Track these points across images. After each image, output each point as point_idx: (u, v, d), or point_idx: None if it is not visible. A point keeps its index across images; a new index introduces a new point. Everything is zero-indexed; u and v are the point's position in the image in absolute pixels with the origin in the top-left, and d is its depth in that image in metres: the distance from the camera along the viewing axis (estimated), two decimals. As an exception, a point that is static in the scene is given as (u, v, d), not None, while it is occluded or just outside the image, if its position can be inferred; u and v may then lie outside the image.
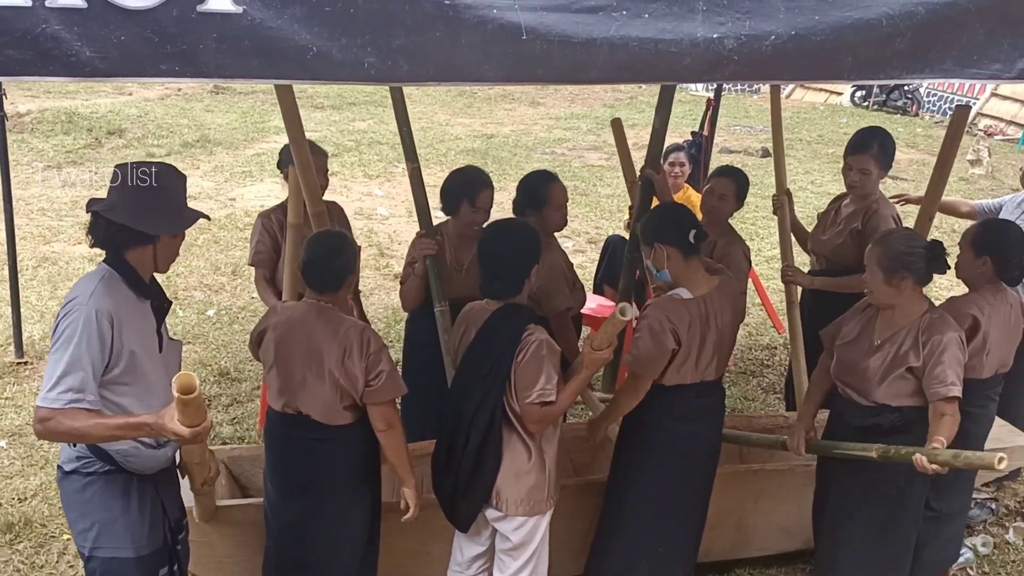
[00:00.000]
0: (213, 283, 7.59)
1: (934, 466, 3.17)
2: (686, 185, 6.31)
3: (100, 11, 2.04)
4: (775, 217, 5.08)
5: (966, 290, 4.00)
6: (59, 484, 2.93)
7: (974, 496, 4.56)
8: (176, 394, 2.40)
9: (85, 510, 2.86)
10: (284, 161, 4.42)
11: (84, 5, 2.03)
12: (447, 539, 3.61)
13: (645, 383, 3.52)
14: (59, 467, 2.91)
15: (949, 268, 3.54)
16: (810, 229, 5.11)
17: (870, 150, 4.55)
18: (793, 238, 5.05)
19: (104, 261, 2.85)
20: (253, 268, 4.59)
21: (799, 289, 4.90)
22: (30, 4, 2.01)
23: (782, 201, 4.97)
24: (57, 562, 4.18)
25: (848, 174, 4.64)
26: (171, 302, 3.09)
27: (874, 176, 4.59)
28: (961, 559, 4.43)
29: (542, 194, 4.22)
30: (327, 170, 4.52)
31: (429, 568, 3.75)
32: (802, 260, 5.11)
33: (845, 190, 4.81)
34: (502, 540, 3.43)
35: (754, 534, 4.29)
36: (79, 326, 2.64)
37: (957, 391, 3.36)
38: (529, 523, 3.38)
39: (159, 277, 3.04)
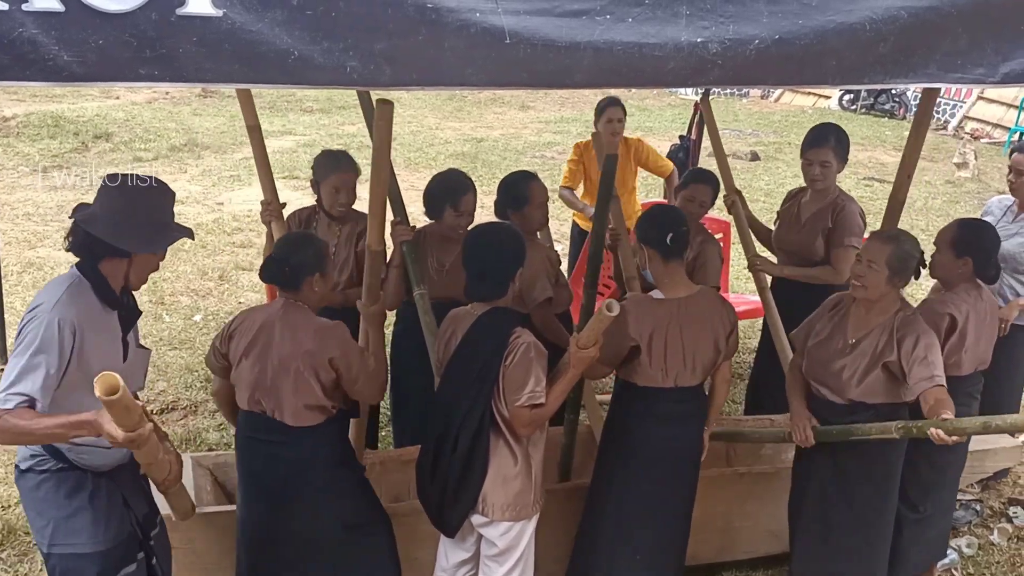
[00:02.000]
0: (200, 288, 7.56)
1: (954, 437, 3.15)
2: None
3: (78, 15, 2.02)
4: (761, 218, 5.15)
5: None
6: (16, 483, 2.95)
7: (959, 498, 4.57)
8: (98, 395, 2.38)
9: (41, 508, 2.88)
10: (316, 174, 4.44)
11: (61, 9, 2.01)
12: (433, 545, 3.59)
13: (599, 368, 3.62)
14: (16, 466, 2.92)
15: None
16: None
17: (828, 143, 4.61)
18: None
19: (76, 266, 2.85)
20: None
21: (768, 277, 4.93)
22: (7, 8, 1.99)
23: (733, 199, 5.01)
24: (41, 570, 4.13)
25: (809, 169, 4.66)
26: (140, 312, 3.08)
27: (834, 169, 4.64)
28: (946, 560, 4.44)
29: (523, 193, 4.22)
30: (354, 187, 4.45)
31: (415, 573, 3.72)
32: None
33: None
34: (488, 546, 3.42)
35: (740, 537, 4.28)
36: (40, 333, 2.67)
37: (942, 381, 3.41)
38: (515, 528, 3.36)
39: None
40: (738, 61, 2.23)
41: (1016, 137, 15.54)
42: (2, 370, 5.61)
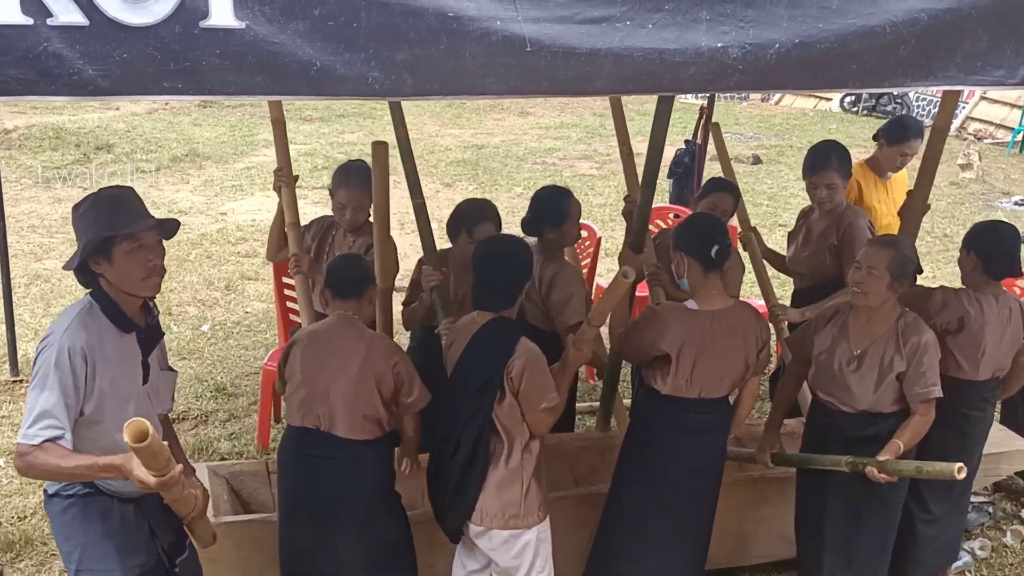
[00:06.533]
0: (207, 298, 7.56)
1: (884, 476, 3.33)
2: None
3: (102, 28, 2.01)
4: (762, 226, 5.12)
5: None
6: (45, 508, 2.96)
7: (972, 500, 4.57)
8: (127, 442, 2.41)
9: (67, 532, 2.89)
10: (331, 184, 4.47)
11: (86, 22, 1.99)
12: (448, 552, 3.61)
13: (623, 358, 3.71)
14: (44, 490, 2.94)
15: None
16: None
17: (831, 165, 4.57)
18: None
19: (89, 292, 2.85)
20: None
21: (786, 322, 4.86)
22: (32, 22, 1.98)
23: (749, 237, 4.98)
24: (57, 581, 4.15)
25: (815, 192, 4.64)
26: (163, 333, 3.07)
27: (840, 187, 4.61)
28: (959, 563, 4.45)
29: (564, 210, 4.19)
30: (364, 205, 4.37)
31: (433, 582, 3.73)
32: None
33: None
34: (494, 563, 3.43)
35: (753, 541, 4.29)
36: (52, 364, 2.67)
37: (937, 392, 3.44)
38: (510, 541, 3.36)
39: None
40: (758, 66, 2.22)
41: (1020, 137, 15.54)
42: (20, 381, 5.72)
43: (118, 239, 2.74)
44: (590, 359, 3.53)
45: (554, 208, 4.20)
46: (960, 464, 3.13)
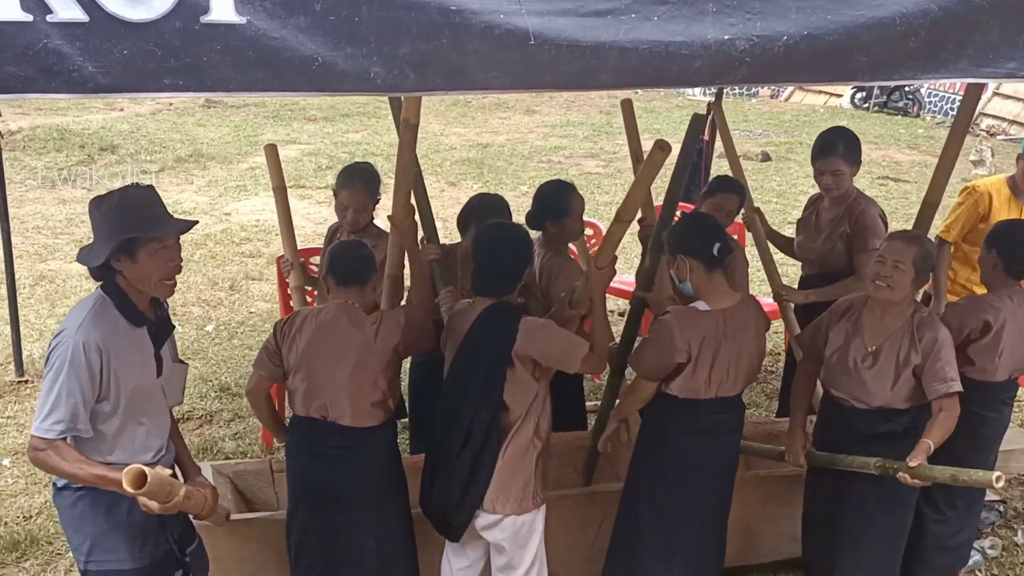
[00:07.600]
0: (211, 298, 7.55)
1: (916, 481, 3.24)
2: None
3: (102, 25, 1.99)
4: (771, 223, 5.10)
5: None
6: (54, 501, 2.98)
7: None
8: (127, 489, 2.47)
9: (77, 525, 2.91)
10: (335, 185, 4.40)
11: (86, 19, 1.98)
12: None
13: (646, 386, 3.53)
14: (53, 483, 2.95)
15: None
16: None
17: (836, 151, 4.52)
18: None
19: (100, 286, 2.86)
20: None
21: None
22: (31, 19, 1.96)
23: (753, 218, 4.94)
24: (63, 580, 4.14)
25: (821, 179, 4.60)
26: (173, 326, 3.08)
27: (847, 175, 4.56)
28: (969, 562, 4.40)
29: (564, 205, 4.18)
30: (367, 207, 4.32)
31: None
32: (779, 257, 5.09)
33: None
34: (496, 554, 3.41)
35: (762, 540, 4.26)
36: (67, 358, 2.69)
37: (958, 386, 3.40)
38: (522, 527, 3.34)
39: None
40: (766, 58, 2.19)
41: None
42: (25, 382, 5.74)
43: (144, 240, 2.77)
44: (613, 276, 3.47)
45: (555, 203, 4.19)
46: (999, 473, 3.03)
